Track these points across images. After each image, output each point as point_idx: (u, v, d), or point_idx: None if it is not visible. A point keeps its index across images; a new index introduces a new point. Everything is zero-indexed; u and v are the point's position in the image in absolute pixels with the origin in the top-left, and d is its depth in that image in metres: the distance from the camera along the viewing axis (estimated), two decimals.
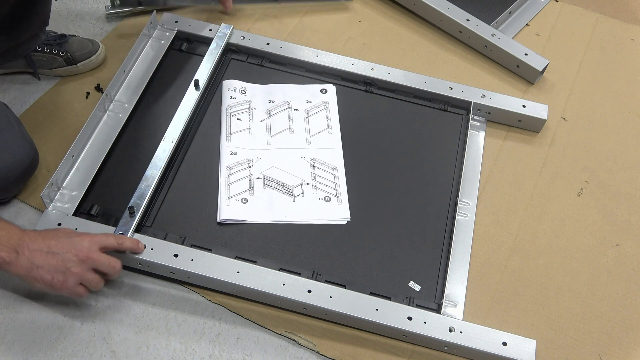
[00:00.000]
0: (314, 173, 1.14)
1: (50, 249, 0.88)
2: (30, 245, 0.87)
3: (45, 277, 0.87)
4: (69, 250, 0.89)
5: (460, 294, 1.02)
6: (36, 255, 0.87)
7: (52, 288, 0.89)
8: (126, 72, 1.22)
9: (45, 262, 0.87)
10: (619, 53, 1.43)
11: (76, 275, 0.89)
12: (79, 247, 0.90)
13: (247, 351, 0.97)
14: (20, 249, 0.86)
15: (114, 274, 0.94)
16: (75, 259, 0.89)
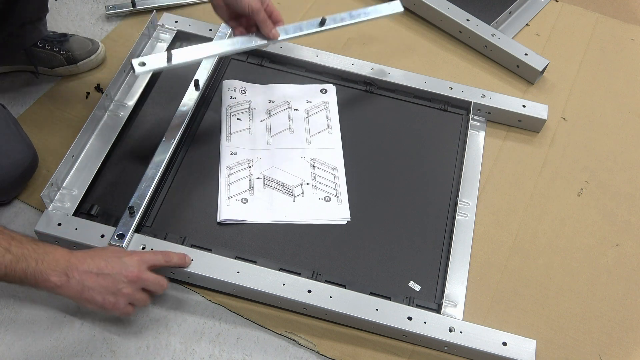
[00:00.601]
0: (314, 173, 1.14)
1: (100, 270, 0.87)
2: (80, 267, 0.86)
3: (97, 299, 0.86)
4: (119, 271, 0.88)
5: (460, 294, 1.02)
6: (87, 277, 0.86)
7: (103, 309, 0.88)
8: (126, 72, 1.22)
9: (96, 284, 0.86)
10: (619, 53, 1.43)
11: (127, 295, 0.88)
12: (128, 267, 0.89)
13: (247, 351, 0.97)
14: (70, 271, 0.85)
15: (161, 291, 0.94)
16: (125, 279, 0.88)
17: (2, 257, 0.80)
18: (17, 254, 0.82)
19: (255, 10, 1.02)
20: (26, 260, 0.82)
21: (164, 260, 0.94)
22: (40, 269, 0.83)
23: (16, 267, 0.81)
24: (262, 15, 1.04)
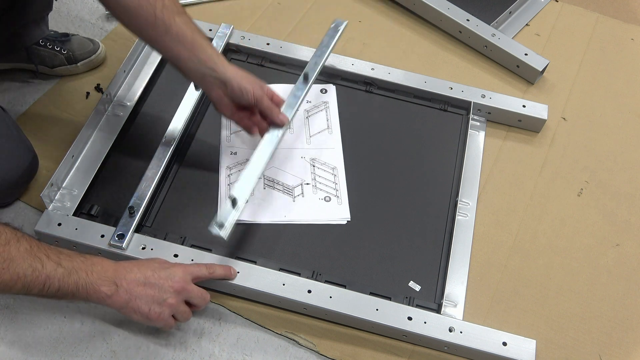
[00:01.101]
0: (314, 173, 1.14)
1: (147, 280, 0.88)
2: (127, 276, 0.87)
3: (143, 309, 0.87)
4: (165, 281, 0.88)
5: (460, 294, 1.02)
6: (134, 286, 0.87)
7: (147, 320, 0.88)
8: (126, 72, 1.22)
9: (143, 293, 0.87)
10: (619, 53, 1.43)
11: (171, 306, 0.89)
12: (174, 277, 0.89)
13: (247, 351, 0.97)
14: (119, 280, 0.86)
15: (204, 305, 0.94)
16: (171, 290, 0.88)
17: (54, 271, 0.81)
18: (67, 267, 0.83)
19: (259, 99, 1.03)
20: (77, 272, 0.83)
21: (208, 272, 0.94)
22: (90, 281, 0.84)
23: (68, 280, 0.82)
24: (266, 102, 1.04)
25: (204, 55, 0.98)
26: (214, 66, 0.99)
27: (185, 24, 0.97)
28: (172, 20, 0.96)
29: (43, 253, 0.81)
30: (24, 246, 0.80)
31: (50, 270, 0.81)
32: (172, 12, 0.96)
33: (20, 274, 0.79)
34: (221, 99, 1.02)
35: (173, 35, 0.96)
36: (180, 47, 0.97)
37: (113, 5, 0.96)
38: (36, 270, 0.80)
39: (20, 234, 0.82)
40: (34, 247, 0.81)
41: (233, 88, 1.00)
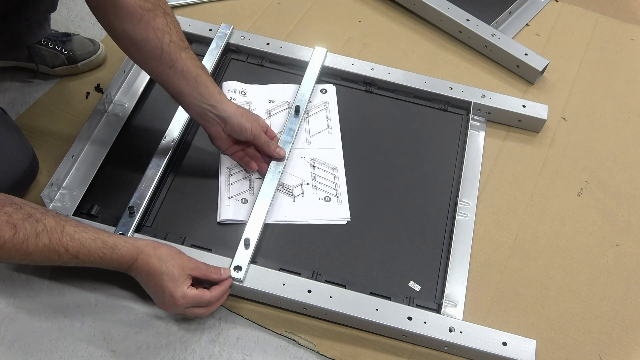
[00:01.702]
0: (314, 173, 1.14)
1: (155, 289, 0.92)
2: (139, 275, 0.92)
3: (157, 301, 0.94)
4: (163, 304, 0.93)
5: (460, 294, 1.02)
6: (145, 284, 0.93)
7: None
8: (126, 72, 1.22)
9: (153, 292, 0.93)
10: (619, 53, 1.43)
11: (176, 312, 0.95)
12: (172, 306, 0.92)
13: (247, 351, 0.97)
14: (133, 273, 0.92)
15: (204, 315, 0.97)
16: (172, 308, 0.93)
17: (69, 261, 0.86)
18: (84, 260, 0.87)
19: (257, 136, 1.07)
20: (92, 263, 0.88)
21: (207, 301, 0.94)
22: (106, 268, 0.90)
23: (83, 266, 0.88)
24: (263, 138, 1.08)
25: (206, 92, 1.01)
26: (215, 103, 1.02)
27: (190, 60, 0.99)
28: (177, 55, 0.98)
29: (63, 246, 0.84)
30: (43, 242, 0.82)
31: (66, 261, 0.85)
32: (178, 47, 0.98)
33: (36, 260, 0.84)
34: (219, 134, 1.05)
35: (177, 70, 0.98)
36: (184, 82, 0.99)
37: (120, 37, 0.97)
38: (51, 260, 0.84)
39: (41, 227, 0.83)
40: (54, 241, 0.84)
41: (233, 126, 1.04)
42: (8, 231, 0.80)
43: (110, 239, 0.89)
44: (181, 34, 1.00)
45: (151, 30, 0.96)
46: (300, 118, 1.17)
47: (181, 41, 1.00)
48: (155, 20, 0.97)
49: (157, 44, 0.96)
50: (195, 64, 1.00)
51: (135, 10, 0.94)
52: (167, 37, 0.97)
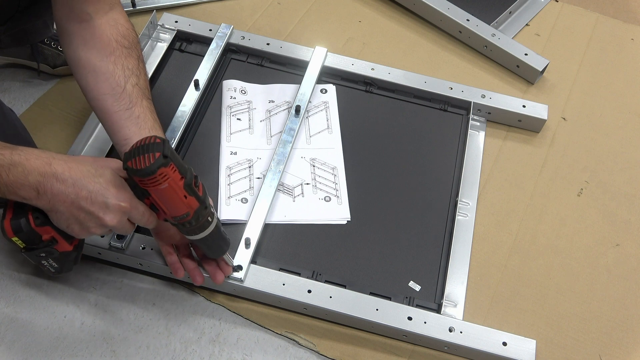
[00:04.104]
0: (314, 173, 1.14)
1: (77, 200, 0.75)
2: (55, 186, 0.75)
3: (61, 224, 0.78)
4: (97, 213, 0.77)
5: (460, 294, 1.02)
6: (59, 200, 0.75)
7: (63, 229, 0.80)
8: None
9: (69, 212, 0.76)
10: (619, 53, 1.43)
11: (92, 232, 0.79)
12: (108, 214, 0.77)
13: (247, 351, 0.97)
14: (42, 187, 0.74)
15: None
16: (99, 223, 0.78)
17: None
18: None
19: None
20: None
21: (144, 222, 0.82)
22: (7, 183, 0.73)
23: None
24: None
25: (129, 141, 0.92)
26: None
27: (150, 111, 0.93)
28: (139, 100, 0.92)
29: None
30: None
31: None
32: (142, 93, 0.93)
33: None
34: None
35: (133, 115, 0.91)
36: (135, 129, 0.90)
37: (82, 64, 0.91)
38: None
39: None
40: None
41: None
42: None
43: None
44: (147, 84, 0.95)
45: (120, 66, 0.92)
46: (301, 118, 1.17)
47: (146, 89, 0.94)
48: (128, 59, 0.93)
49: (120, 82, 0.91)
50: (153, 117, 0.93)
51: (109, 43, 0.91)
52: (133, 79, 0.92)
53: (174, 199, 0.76)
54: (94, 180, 0.77)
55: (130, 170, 0.73)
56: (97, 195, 0.76)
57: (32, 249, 0.80)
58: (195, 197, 0.78)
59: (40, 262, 0.83)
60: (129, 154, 0.73)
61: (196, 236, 0.83)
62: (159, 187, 0.74)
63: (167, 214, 0.79)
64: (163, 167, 0.72)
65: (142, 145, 0.73)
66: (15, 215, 0.78)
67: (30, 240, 0.79)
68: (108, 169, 0.79)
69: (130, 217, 0.80)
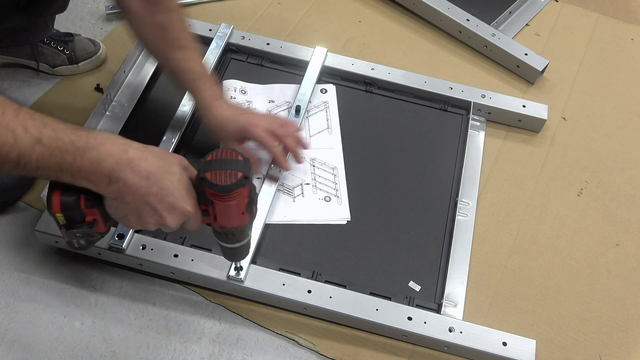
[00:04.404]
0: (314, 173, 1.14)
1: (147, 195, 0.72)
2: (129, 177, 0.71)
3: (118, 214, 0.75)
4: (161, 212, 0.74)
5: (460, 294, 1.02)
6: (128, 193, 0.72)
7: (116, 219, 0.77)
8: (126, 72, 1.22)
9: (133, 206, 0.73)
10: (619, 53, 1.43)
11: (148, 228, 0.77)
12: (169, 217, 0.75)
13: (247, 351, 0.97)
14: (116, 175, 0.70)
15: None
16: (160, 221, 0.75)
17: (31, 148, 0.66)
18: (50, 147, 0.67)
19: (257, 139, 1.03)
20: (62, 155, 0.68)
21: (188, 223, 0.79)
22: (78, 167, 0.69)
23: (49, 162, 0.68)
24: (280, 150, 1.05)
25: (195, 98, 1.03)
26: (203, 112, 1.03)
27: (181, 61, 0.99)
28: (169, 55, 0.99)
29: (20, 124, 0.66)
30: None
31: (26, 147, 0.66)
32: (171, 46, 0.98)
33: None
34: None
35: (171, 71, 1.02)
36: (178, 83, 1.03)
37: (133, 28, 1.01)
38: (6, 144, 0.65)
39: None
40: (8, 113, 0.66)
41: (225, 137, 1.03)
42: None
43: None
44: (179, 32, 0.99)
45: (150, 26, 0.97)
46: (301, 118, 1.17)
47: (176, 39, 0.98)
48: (156, 15, 0.97)
49: (154, 40, 0.98)
50: (183, 66, 0.99)
51: (138, 8, 0.96)
52: (161, 34, 0.97)
53: (233, 214, 0.76)
54: (167, 177, 0.74)
55: (207, 182, 0.72)
56: (167, 194, 0.73)
57: (72, 228, 0.76)
58: (250, 215, 0.78)
59: (72, 239, 0.79)
60: (208, 165, 0.72)
61: (228, 244, 0.83)
62: (227, 202, 0.73)
63: (217, 223, 0.78)
64: (241, 187, 0.72)
65: (223, 159, 0.72)
66: (66, 192, 0.74)
67: (73, 219, 0.75)
68: (178, 166, 0.77)
69: (186, 221, 0.77)
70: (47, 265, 1.03)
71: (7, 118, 0.65)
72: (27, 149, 0.66)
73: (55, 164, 0.68)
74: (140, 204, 0.73)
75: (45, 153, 0.67)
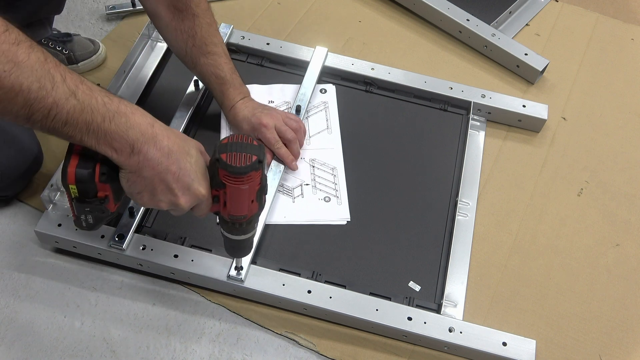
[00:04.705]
0: (313, 174, 1.14)
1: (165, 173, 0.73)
2: (150, 151, 0.72)
3: (133, 189, 0.75)
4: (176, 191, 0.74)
5: (460, 294, 1.02)
6: (147, 167, 0.72)
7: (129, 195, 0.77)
8: (126, 72, 1.22)
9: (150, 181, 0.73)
10: (619, 53, 1.43)
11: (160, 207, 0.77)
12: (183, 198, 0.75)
13: (247, 351, 0.97)
14: (138, 147, 0.71)
15: None
16: (174, 202, 0.75)
17: (65, 100, 0.65)
18: (83, 102, 0.67)
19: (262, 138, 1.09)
20: (92, 113, 0.67)
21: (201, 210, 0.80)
22: (105, 130, 0.68)
23: (79, 117, 0.67)
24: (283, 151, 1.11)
25: (218, 100, 1.10)
26: (226, 113, 1.11)
27: (207, 67, 1.05)
28: (197, 60, 1.05)
29: (59, 72, 0.65)
30: (37, 55, 0.64)
31: (61, 97, 0.65)
32: (199, 52, 1.04)
33: (23, 85, 0.62)
34: None
35: (197, 74, 1.09)
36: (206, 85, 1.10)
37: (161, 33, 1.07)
38: (43, 88, 0.64)
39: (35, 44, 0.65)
40: (50, 61, 0.65)
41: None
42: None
43: None
44: (206, 37, 1.03)
45: (178, 32, 1.02)
46: (301, 118, 1.17)
47: (204, 45, 1.03)
48: (183, 22, 1.02)
49: (182, 46, 1.04)
50: (210, 71, 1.05)
51: (166, 15, 1.02)
52: (190, 41, 1.02)
53: (243, 200, 0.76)
54: (186, 158, 0.75)
55: (222, 163, 0.73)
56: (184, 175, 0.74)
57: (83, 201, 0.76)
58: (259, 204, 0.79)
59: (81, 214, 0.79)
60: (224, 147, 0.73)
61: (234, 236, 0.83)
62: (240, 186, 0.74)
63: (227, 210, 0.78)
64: (254, 171, 0.73)
65: (239, 142, 0.73)
66: (81, 164, 0.74)
67: (85, 193, 0.75)
68: (196, 149, 0.78)
69: (197, 205, 0.78)
70: (47, 265, 1.03)
71: (49, 65, 0.65)
72: (62, 99, 0.65)
73: (84, 121, 0.67)
74: (157, 181, 0.74)
75: (77, 107, 0.66)
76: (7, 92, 0.62)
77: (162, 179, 0.73)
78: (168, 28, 1.03)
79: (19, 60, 0.62)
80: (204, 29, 1.03)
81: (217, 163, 0.73)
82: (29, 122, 0.66)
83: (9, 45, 0.61)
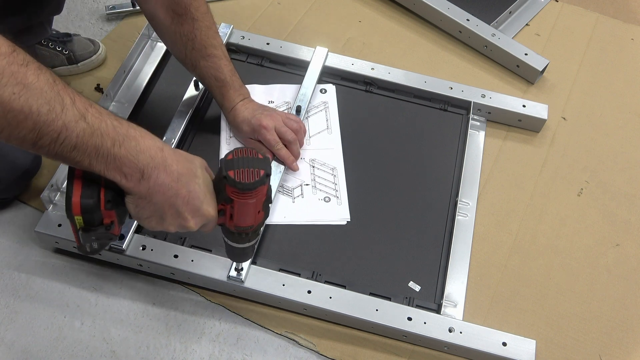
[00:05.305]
0: (313, 174, 1.14)
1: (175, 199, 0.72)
2: (160, 176, 0.70)
3: (142, 215, 0.74)
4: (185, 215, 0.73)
5: (460, 294, 1.02)
6: (157, 193, 0.71)
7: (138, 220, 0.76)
8: (126, 72, 1.22)
9: (160, 207, 0.72)
10: (619, 53, 1.43)
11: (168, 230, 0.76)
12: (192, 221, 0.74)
13: (247, 351, 0.97)
14: (148, 172, 0.69)
15: None
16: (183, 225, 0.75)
17: (75, 123, 0.63)
18: (93, 126, 0.65)
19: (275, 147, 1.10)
20: (102, 137, 0.66)
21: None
22: (114, 155, 0.67)
23: (89, 141, 0.64)
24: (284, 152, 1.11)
25: (218, 102, 1.11)
26: (226, 114, 1.11)
27: (206, 69, 1.05)
28: (197, 63, 1.05)
29: (68, 95, 0.64)
30: (46, 77, 0.62)
31: (70, 120, 0.63)
32: (198, 55, 1.04)
33: (33, 108, 0.60)
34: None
35: (197, 76, 1.10)
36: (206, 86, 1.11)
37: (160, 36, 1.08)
38: (53, 111, 0.62)
39: (43, 65, 0.64)
40: (59, 83, 0.64)
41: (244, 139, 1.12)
42: (5, 47, 0.60)
43: None
44: (206, 40, 1.03)
45: (178, 36, 1.03)
46: (301, 118, 1.17)
47: (203, 48, 1.03)
48: (182, 26, 1.02)
49: (181, 49, 1.04)
50: (210, 74, 1.05)
51: (165, 19, 1.02)
52: (189, 44, 1.03)
53: (250, 213, 0.75)
54: (194, 180, 0.73)
55: (230, 180, 0.71)
56: (194, 198, 0.73)
57: (89, 230, 0.73)
58: (265, 213, 0.78)
59: (87, 242, 0.77)
60: (230, 164, 0.71)
61: (237, 244, 0.82)
62: (247, 200, 0.73)
63: (233, 223, 0.77)
64: (262, 185, 0.72)
65: (245, 157, 0.72)
66: (85, 193, 0.70)
67: (91, 222, 0.73)
68: (201, 169, 0.76)
69: (205, 224, 0.77)
70: (47, 265, 1.03)
71: (58, 87, 0.63)
72: (72, 122, 0.63)
73: (94, 146, 0.65)
74: (167, 206, 0.72)
75: (87, 131, 0.64)
76: (16, 115, 0.60)
77: (172, 203, 0.72)
78: (167, 32, 1.03)
79: (28, 82, 0.60)
80: (203, 32, 1.03)
81: (225, 180, 0.71)
82: (35, 147, 0.63)
83: (18, 66, 0.60)
